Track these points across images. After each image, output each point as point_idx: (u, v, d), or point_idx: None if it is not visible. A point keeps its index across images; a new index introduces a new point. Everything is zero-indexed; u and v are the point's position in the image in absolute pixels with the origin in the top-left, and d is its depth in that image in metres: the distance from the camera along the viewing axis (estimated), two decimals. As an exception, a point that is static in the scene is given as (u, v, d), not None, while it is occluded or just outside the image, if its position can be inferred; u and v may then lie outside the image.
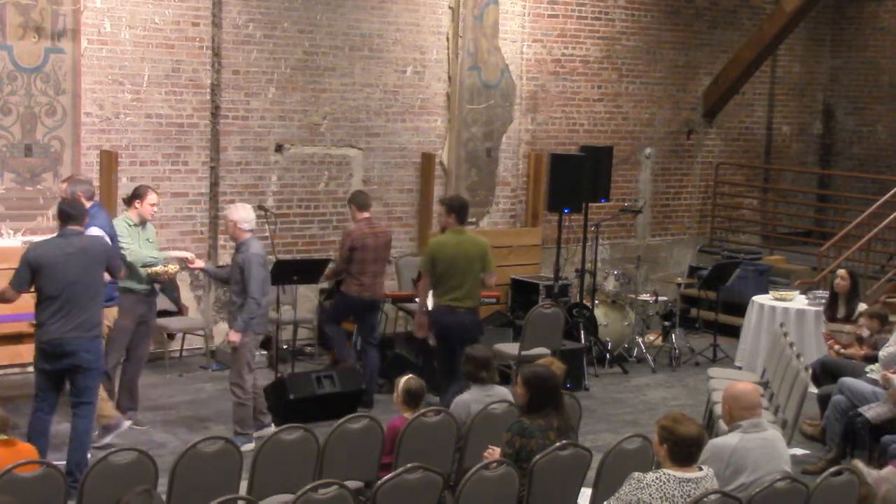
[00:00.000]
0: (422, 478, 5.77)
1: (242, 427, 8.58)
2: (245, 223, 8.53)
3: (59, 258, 7.21)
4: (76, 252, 7.26)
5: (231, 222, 8.60)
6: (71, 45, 10.42)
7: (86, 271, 7.30)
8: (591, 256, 12.40)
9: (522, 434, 6.21)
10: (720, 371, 10.14)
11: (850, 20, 16.33)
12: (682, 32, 14.76)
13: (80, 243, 7.34)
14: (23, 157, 10.35)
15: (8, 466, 5.51)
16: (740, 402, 6.20)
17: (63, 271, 7.19)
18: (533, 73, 13.45)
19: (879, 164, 15.97)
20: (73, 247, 7.28)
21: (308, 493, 5.35)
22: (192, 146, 11.21)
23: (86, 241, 7.43)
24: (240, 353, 8.57)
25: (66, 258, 7.21)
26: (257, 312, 8.51)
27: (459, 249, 9.11)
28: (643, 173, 14.63)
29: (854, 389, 8.75)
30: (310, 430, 6.40)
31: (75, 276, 7.23)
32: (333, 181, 12.10)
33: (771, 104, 16.03)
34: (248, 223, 8.55)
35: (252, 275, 8.42)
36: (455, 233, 9.21)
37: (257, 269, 8.44)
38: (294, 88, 11.71)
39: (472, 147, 12.98)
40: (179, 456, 6.02)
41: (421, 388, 7.05)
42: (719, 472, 5.83)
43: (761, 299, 11.65)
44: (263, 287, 8.53)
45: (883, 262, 13.63)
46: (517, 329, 10.98)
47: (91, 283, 7.33)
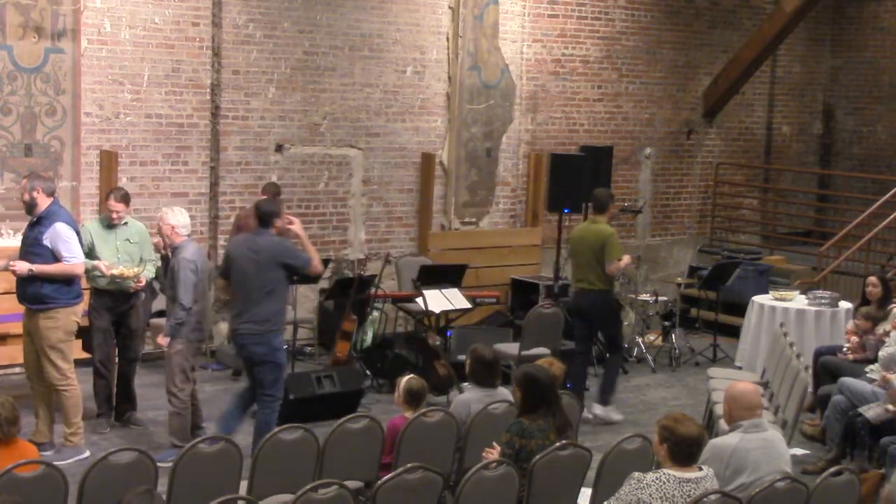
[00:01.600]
0: (422, 478, 5.77)
1: (179, 438, 8.12)
2: (182, 228, 8.19)
3: (243, 254, 7.98)
4: (258, 250, 7.93)
5: (168, 226, 8.20)
6: (71, 45, 10.42)
7: (262, 268, 7.89)
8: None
9: (522, 435, 6.21)
10: (720, 371, 10.13)
11: (850, 20, 16.33)
12: (682, 32, 14.76)
13: (263, 242, 7.99)
14: (23, 157, 10.35)
15: (8, 466, 5.51)
16: (740, 403, 6.19)
17: (243, 267, 7.94)
18: (533, 73, 13.45)
19: (879, 164, 15.97)
20: (257, 245, 7.98)
21: (308, 493, 5.35)
22: (192, 146, 11.21)
23: (267, 241, 7.99)
24: (173, 360, 8.24)
25: (248, 255, 7.94)
26: (185, 318, 8.09)
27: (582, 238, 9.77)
28: (643, 173, 14.63)
29: (854, 389, 8.75)
30: (310, 430, 6.40)
31: (252, 272, 7.90)
32: (333, 181, 12.10)
33: (771, 104, 16.04)
34: (185, 228, 8.21)
35: (180, 280, 8.07)
36: (590, 222, 9.97)
37: (186, 274, 8.06)
38: (294, 88, 11.72)
39: (472, 147, 12.98)
40: (179, 456, 6.02)
41: (422, 388, 7.05)
42: (719, 473, 5.83)
43: (761, 299, 11.64)
44: (193, 293, 8.07)
45: (883, 262, 13.63)
46: (517, 329, 10.98)
47: (267, 281, 7.90)
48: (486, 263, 12.80)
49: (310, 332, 11.68)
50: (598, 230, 9.67)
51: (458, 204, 12.96)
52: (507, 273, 12.86)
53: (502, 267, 12.96)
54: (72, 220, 8.33)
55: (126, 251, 8.78)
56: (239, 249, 8.09)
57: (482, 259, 12.76)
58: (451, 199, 12.90)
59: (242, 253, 8.01)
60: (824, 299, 11.35)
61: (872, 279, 10.29)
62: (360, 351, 10.75)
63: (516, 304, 12.39)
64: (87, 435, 8.72)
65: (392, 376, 8.75)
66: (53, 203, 8.18)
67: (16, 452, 5.98)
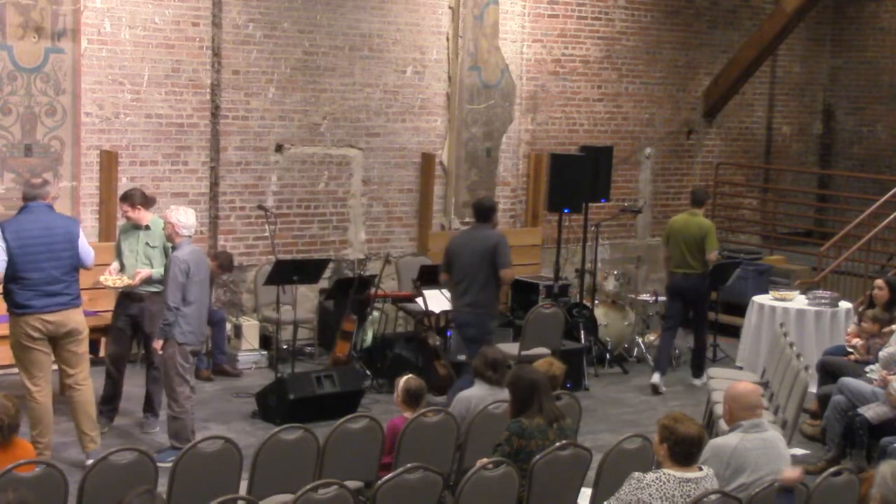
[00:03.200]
0: (422, 478, 5.77)
1: (179, 440, 8.02)
2: (184, 228, 8.00)
3: (465, 247, 9.29)
4: (474, 243, 9.25)
5: (169, 224, 8.04)
6: (71, 45, 10.42)
7: (481, 260, 9.20)
8: (591, 256, 12.39)
9: (521, 435, 6.22)
10: (720, 371, 10.13)
11: (850, 20, 16.33)
12: (682, 32, 14.76)
13: (478, 235, 9.35)
14: (23, 157, 10.35)
15: (8, 466, 5.51)
16: (740, 403, 6.20)
17: (465, 259, 9.26)
18: (533, 73, 13.45)
19: (879, 164, 15.97)
20: (477, 239, 9.29)
21: (308, 493, 5.35)
22: (192, 146, 11.21)
23: (483, 235, 9.33)
24: (167, 364, 8.11)
25: (470, 247, 9.25)
26: (172, 319, 7.93)
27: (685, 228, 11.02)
28: (643, 173, 14.63)
29: (854, 389, 8.75)
30: (310, 430, 6.40)
31: (470, 263, 9.21)
32: (333, 181, 12.10)
33: (771, 104, 16.04)
34: (187, 229, 8.01)
35: (169, 277, 7.95)
36: (690, 215, 11.15)
37: (174, 273, 7.90)
38: (294, 88, 11.72)
39: (472, 147, 12.98)
40: (179, 456, 6.03)
41: (421, 388, 7.05)
42: (719, 472, 5.83)
43: (761, 299, 11.64)
44: (179, 293, 7.90)
45: (883, 262, 13.63)
46: (517, 329, 10.98)
47: (480, 271, 9.21)
48: (486, 263, 12.78)
49: (310, 332, 11.68)
50: (701, 222, 11.00)
51: (458, 204, 12.96)
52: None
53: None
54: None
55: (146, 255, 8.77)
56: (461, 244, 9.39)
57: (482, 259, 12.73)
58: (451, 199, 12.90)
59: (465, 246, 9.33)
60: (824, 299, 11.34)
61: (879, 282, 10.24)
62: (360, 351, 10.76)
63: (516, 304, 12.39)
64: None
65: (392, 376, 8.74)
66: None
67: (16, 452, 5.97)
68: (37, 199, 7.75)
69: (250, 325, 11.11)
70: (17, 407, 6.14)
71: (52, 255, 7.66)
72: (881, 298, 10.09)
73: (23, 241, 7.56)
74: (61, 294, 7.72)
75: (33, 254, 7.59)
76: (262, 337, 11.22)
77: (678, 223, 11.15)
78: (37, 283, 7.61)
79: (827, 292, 11.67)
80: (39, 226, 7.66)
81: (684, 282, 11.00)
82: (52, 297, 7.67)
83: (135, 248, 8.75)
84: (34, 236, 7.62)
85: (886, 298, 10.07)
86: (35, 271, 7.60)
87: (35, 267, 7.59)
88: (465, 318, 9.40)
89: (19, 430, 6.15)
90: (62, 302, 7.73)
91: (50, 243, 7.67)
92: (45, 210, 7.76)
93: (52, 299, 7.67)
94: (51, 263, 7.65)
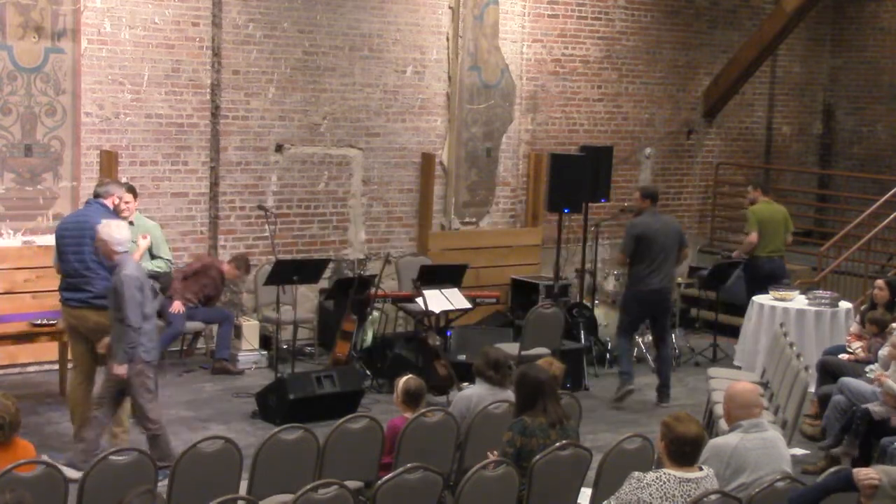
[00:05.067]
0: (422, 478, 5.77)
1: (165, 459, 7.42)
2: (118, 245, 7.63)
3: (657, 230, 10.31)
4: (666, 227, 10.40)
5: (102, 241, 7.67)
6: (71, 45, 10.42)
7: (672, 239, 10.37)
8: (591, 256, 12.40)
9: (524, 433, 6.22)
10: (720, 371, 10.13)
11: (850, 20, 16.33)
12: (682, 32, 14.75)
13: (667, 220, 10.67)
14: (23, 157, 10.35)
15: (8, 466, 5.51)
16: (735, 402, 6.23)
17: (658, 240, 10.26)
18: (533, 73, 13.45)
19: (879, 164, 15.97)
20: (662, 221, 10.46)
21: (308, 493, 5.35)
22: (192, 146, 11.21)
23: (668, 219, 10.75)
24: (133, 385, 7.72)
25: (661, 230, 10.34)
26: (138, 340, 7.59)
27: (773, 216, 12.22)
28: (643, 173, 14.63)
29: (854, 389, 8.74)
30: (310, 430, 6.40)
31: (666, 243, 10.32)
32: (333, 181, 12.10)
33: (771, 104, 16.03)
34: (121, 245, 7.65)
35: (125, 299, 7.51)
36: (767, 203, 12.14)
37: (132, 292, 7.51)
38: (294, 88, 11.71)
39: (472, 147, 12.98)
40: (179, 456, 6.03)
41: (421, 388, 7.05)
42: (720, 472, 5.83)
43: (761, 299, 11.64)
44: (141, 311, 7.60)
45: (883, 262, 13.63)
46: (517, 329, 10.98)
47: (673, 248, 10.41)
48: (486, 263, 12.81)
49: (310, 332, 11.68)
50: (781, 209, 12.33)
51: (458, 204, 12.96)
52: (507, 273, 12.86)
53: (502, 267, 12.96)
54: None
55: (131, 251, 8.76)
56: (651, 227, 10.32)
57: (482, 259, 12.76)
58: (451, 199, 12.90)
59: (656, 229, 10.31)
60: (824, 299, 11.34)
61: (879, 283, 10.26)
62: (360, 351, 10.76)
63: (516, 304, 12.39)
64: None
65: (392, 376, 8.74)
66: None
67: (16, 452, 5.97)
68: (98, 198, 8.26)
69: (250, 325, 11.11)
70: (18, 406, 6.14)
71: (76, 248, 8.01)
72: (881, 299, 10.09)
73: (60, 231, 8.18)
74: (81, 290, 8.01)
75: (63, 245, 8.09)
76: (262, 337, 11.22)
77: (766, 213, 12.16)
78: (65, 273, 8.10)
79: (827, 292, 11.66)
80: (75, 221, 8.18)
81: (777, 263, 12.25)
82: (74, 291, 8.03)
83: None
84: (68, 229, 8.13)
85: (887, 299, 10.07)
86: (63, 262, 8.09)
87: (63, 258, 8.08)
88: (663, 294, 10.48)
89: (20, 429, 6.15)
90: (81, 298, 8.02)
91: (77, 237, 8.01)
92: (93, 207, 8.19)
93: (73, 293, 8.04)
94: (74, 257, 8.02)
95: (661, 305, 10.52)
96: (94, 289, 7.96)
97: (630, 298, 10.64)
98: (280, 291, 10.36)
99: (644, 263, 10.35)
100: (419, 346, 10.31)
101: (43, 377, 10.01)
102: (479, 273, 12.50)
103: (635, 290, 10.51)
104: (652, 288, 10.39)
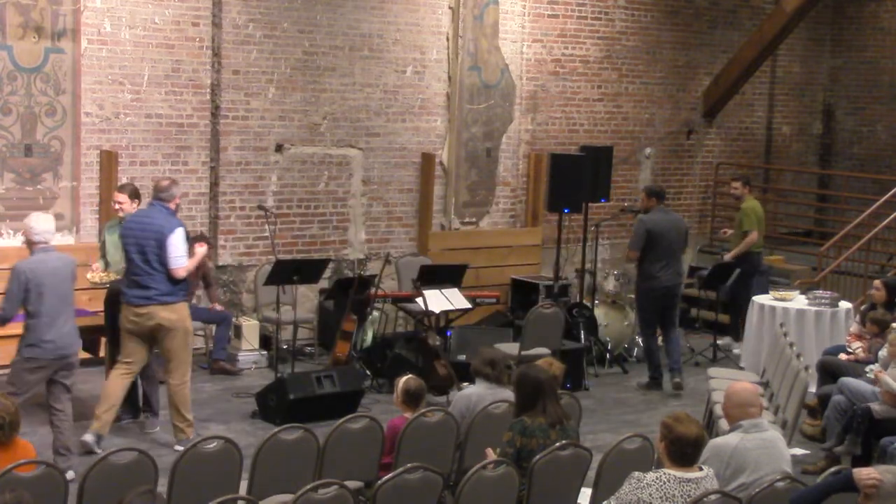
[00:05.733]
0: (422, 478, 5.77)
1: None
2: (37, 234, 7.52)
3: (666, 226, 10.67)
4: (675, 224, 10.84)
5: (25, 229, 7.67)
6: (71, 45, 10.43)
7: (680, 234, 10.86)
8: (591, 256, 12.40)
9: (523, 433, 6.23)
10: (720, 371, 10.13)
11: (850, 20, 16.33)
12: (682, 32, 14.75)
13: (675, 217, 11.17)
14: (23, 157, 10.35)
15: (8, 466, 5.51)
16: (732, 401, 6.26)
17: (668, 236, 10.68)
18: (533, 73, 13.45)
19: (879, 164, 15.97)
20: (668, 219, 10.84)
21: (308, 493, 5.35)
22: (192, 146, 11.21)
23: (676, 217, 11.19)
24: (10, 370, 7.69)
25: (670, 226, 10.70)
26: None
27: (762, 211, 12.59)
28: (643, 173, 14.63)
29: (854, 389, 8.75)
30: (310, 430, 6.40)
31: (675, 238, 10.76)
32: (333, 181, 12.10)
33: (771, 104, 16.03)
34: (39, 235, 7.52)
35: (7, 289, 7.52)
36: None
37: (11, 283, 7.45)
38: (294, 88, 11.72)
39: (472, 147, 12.98)
40: (179, 456, 6.03)
41: (421, 389, 7.06)
42: (719, 472, 5.83)
43: (761, 299, 11.64)
44: (17, 304, 7.46)
45: (883, 262, 13.63)
46: (517, 329, 10.98)
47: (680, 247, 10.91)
48: (486, 263, 12.81)
49: (310, 332, 11.69)
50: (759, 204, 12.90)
51: (458, 204, 12.97)
52: (507, 273, 12.86)
53: (502, 267, 12.96)
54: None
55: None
56: (661, 224, 10.68)
57: (482, 259, 12.76)
58: (451, 199, 12.90)
59: (665, 226, 10.70)
60: (824, 299, 11.34)
61: (877, 283, 10.28)
62: (360, 351, 10.76)
63: (516, 304, 12.39)
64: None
65: (392, 376, 8.75)
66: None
67: (17, 452, 5.97)
68: (160, 200, 8.37)
69: (250, 325, 11.11)
70: (17, 406, 6.14)
71: (140, 248, 8.19)
72: (879, 299, 10.11)
73: (124, 232, 8.38)
74: (148, 287, 8.21)
75: (127, 245, 8.29)
76: (262, 337, 11.23)
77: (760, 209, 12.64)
78: (129, 272, 8.30)
79: (827, 292, 11.66)
80: (138, 221, 8.33)
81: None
82: (140, 289, 8.22)
83: (119, 244, 8.73)
84: (131, 229, 8.31)
85: (884, 299, 10.08)
86: (128, 261, 8.29)
87: (127, 257, 8.29)
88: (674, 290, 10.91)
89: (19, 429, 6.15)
90: (147, 295, 8.21)
91: (141, 237, 8.21)
92: (156, 209, 8.35)
93: (140, 291, 8.22)
94: (139, 257, 8.20)
95: (670, 300, 10.91)
96: (158, 287, 8.19)
97: (644, 295, 10.92)
98: (280, 291, 10.36)
99: (654, 259, 10.68)
100: (419, 346, 10.31)
101: (43, 377, 9.98)
102: (479, 273, 12.51)
103: (648, 287, 10.81)
104: (665, 284, 10.76)
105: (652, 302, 10.85)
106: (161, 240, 8.14)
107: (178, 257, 8.19)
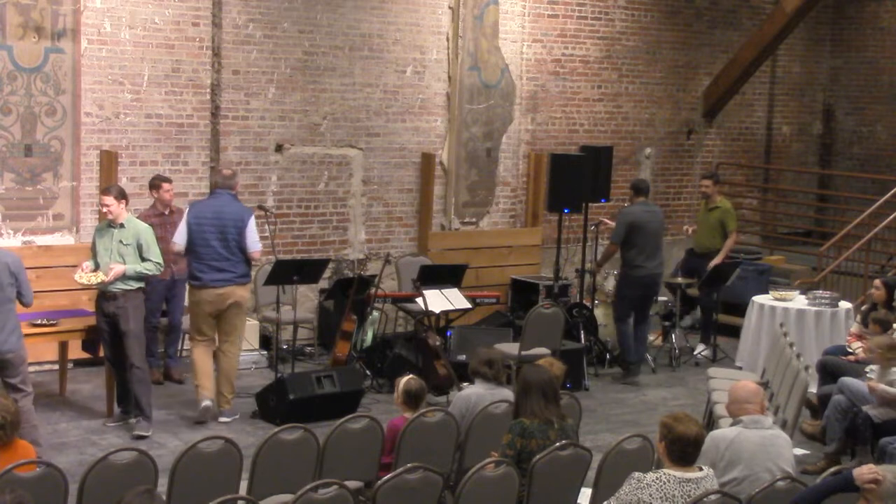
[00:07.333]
0: (422, 478, 5.77)
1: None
2: None
3: (647, 219, 11.03)
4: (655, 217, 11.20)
5: None
6: (71, 45, 10.42)
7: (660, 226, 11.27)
8: (591, 256, 12.39)
9: (523, 435, 6.22)
10: (720, 371, 10.13)
11: (850, 20, 16.34)
12: (682, 32, 14.76)
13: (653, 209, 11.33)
14: (23, 157, 10.35)
15: (8, 466, 5.51)
16: (732, 396, 6.34)
17: (650, 228, 11.03)
18: (533, 73, 13.45)
19: (879, 164, 15.97)
20: (648, 212, 11.13)
21: (308, 493, 5.35)
22: (192, 146, 11.21)
23: (656, 209, 11.45)
24: None
25: (651, 218, 11.10)
26: None
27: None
28: (643, 173, 14.62)
29: (854, 389, 8.74)
30: (310, 430, 6.40)
31: (657, 230, 11.13)
32: (333, 181, 12.10)
33: (771, 104, 16.04)
34: None
35: None
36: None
37: None
38: (294, 88, 11.72)
39: (472, 147, 12.98)
40: (179, 456, 6.02)
41: (421, 389, 7.05)
42: (714, 462, 5.86)
43: (761, 299, 11.64)
44: None
45: (883, 262, 13.63)
46: (517, 329, 10.98)
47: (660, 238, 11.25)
48: (486, 263, 12.81)
49: (310, 332, 11.68)
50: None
51: (458, 204, 12.97)
52: (507, 273, 12.86)
53: (502, 267, 12.97)
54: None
55: (119, 252, 8.71)
56: (642, 216, 11.04)
57: (482, 259, 12.76)
58: (451, 199, 12.90)
59: (646, 218, 11.04)
60: (824, 299, 11.34)
61: (877, 282, 10.30)
62: (360, 351, 10.76)
63: (516, 304, 12.39)
64: (86, 435, 8.74)
65: (392, 376, 8.75)
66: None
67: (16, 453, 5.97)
68: (226, 188, 9.19)
69: (250, 325, 11.10)
70: (17, 406, 6.14)
71: (220, 235, 8.97)
72: (879, 298, 10.11)
73: (199, 219, 9.02)
74: (227, 271, 9.03)
75: (204, 232, 8.98)
76: (262, 337, 11.23)
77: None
78: (205, 257, 8.99)
79: (827, 292, 11.67)
80: (213, 209, 9.05)
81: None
82: (220, 273, 9.01)
83: (109, 247, 8.70)
84: (207, 217, 9.01)
85: (884, 298, 10.08)
86: (204, 247, 8.98)
87: (205, 243, 8.98)
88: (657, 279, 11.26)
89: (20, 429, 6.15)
90: (227, 278, 9.04)
91: (220, 225, 8.97)
92: (225, 197, 9.14)
93: (219, 274, 9.01)
94: (219, 243, 8.97)
95: (652, 290, 11.29)
96: (237, 270, 9.06)
97: (626, 281, 11.23)
98: (280, 291, 10.35)
99: (636, 249, 11.07)
100: (419, 346, 10.31)
101: (42, 377, 10.00)
102: (479, 273, 12.51)
103: (631, 274, 11.15)
104: (650, 272, 11.14)
105: (635, 289, 11.15)
106: (240, 226, 8.98)
107: (255, 241, 9.10)
